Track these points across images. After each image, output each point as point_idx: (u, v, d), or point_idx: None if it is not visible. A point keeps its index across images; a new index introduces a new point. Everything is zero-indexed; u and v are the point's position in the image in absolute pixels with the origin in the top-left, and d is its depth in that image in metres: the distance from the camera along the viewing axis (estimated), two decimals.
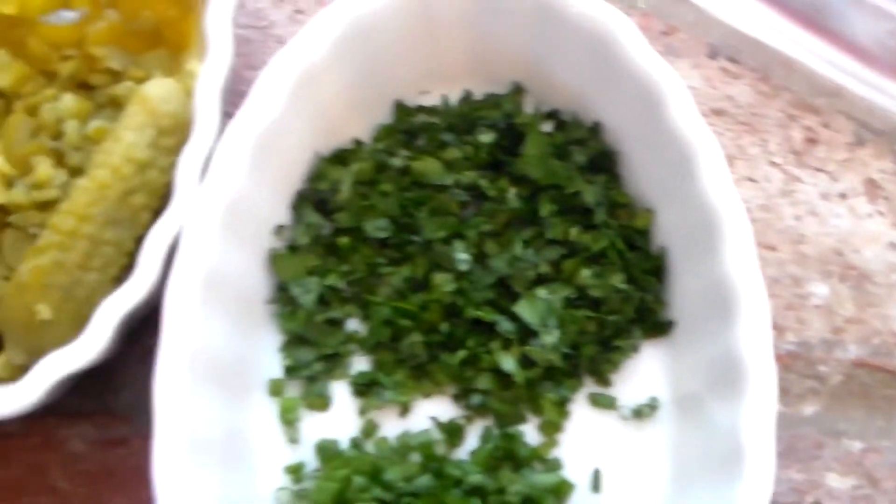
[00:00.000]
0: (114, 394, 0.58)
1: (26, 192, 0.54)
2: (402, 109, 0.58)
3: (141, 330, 0.54)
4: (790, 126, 0.61)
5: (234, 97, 0.55)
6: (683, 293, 0.55)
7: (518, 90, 0.58)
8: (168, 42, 0.58)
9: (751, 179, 0.60)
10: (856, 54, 0.62)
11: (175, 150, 0.54)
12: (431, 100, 0.58)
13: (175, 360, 0.49)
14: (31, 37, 0.56)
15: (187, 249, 0.50)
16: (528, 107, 0.58)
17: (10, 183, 0.54)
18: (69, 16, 0.56)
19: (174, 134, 0.54)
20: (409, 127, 0.58)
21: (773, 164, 0.61)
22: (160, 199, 0.54)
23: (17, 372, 0.53)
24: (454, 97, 0.58)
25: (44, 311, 0.51)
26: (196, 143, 0.52)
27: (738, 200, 0.50)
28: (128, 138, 0.53)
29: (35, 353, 0.52)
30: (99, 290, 0.53)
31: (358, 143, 0.58)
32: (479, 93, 0.58)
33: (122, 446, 0.57)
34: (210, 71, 0.53)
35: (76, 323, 0.52)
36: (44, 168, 0.54)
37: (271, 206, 0.55)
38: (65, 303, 0.52)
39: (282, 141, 0.53)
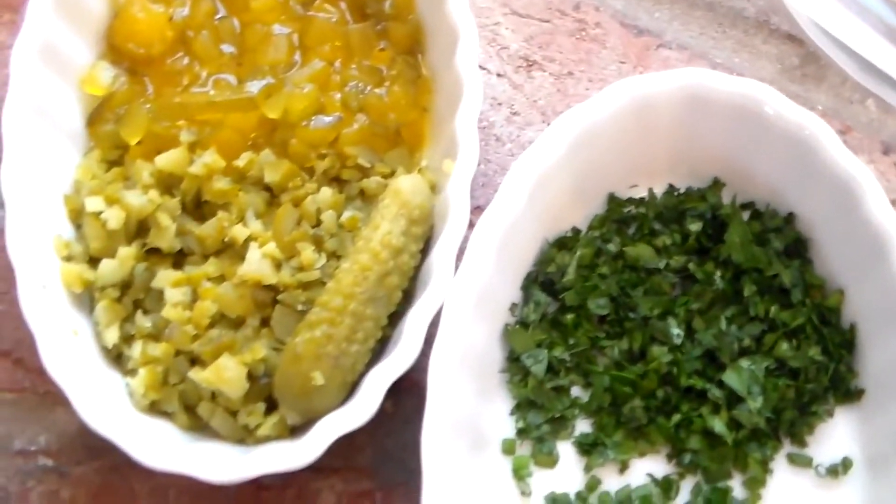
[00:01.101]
0: (357, 452, 0.64)
1: (292, 273, 0.62)
2: (614, 201, 0.66)
3: None
4: None
5: None
6: (873, 363, 0.61)
7: (718, 184, 0.65)
8: (406, 141, 0.66)
9: None
10: None
11: (421, 238, 0.62)
12: (639, 192, 0.66)
13: (438, 421, 0.56)
14: (293, 138, 0.64)
15: (448, 328, 0.57)
16: (725, 198, 0.65)
17: (279, 265, 0.62)
18: (325, 120, 0.65)
19: (421, 223, 0.62)
20: (620, 216, 0.65)
21: None
22: (409, 280, 0.62)
23: (286, 431, 0.61)
24: (659, 190, 0.66)
25: (318, 378, 0.58)
26: (451, 233, 0.59)
27: None
28: (384, 227, 0.60)
29: (305, 415, 0.60)
30: (360, 360, 0.60)
31: (576, 230, 0.65)
32: (680, 185, 0.66)
33: (367, 498, 0.64)
34: (461, 169, 0.60)
35: (341, 389, 0.60)
36: (307, 253, 0.62)
37: (508, 287, 0.63)
38: (333, 371, 0.59)
39: (519, 232, 0.60)
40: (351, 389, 0.60)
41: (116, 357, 0.62)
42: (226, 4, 0.68)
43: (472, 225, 0.59)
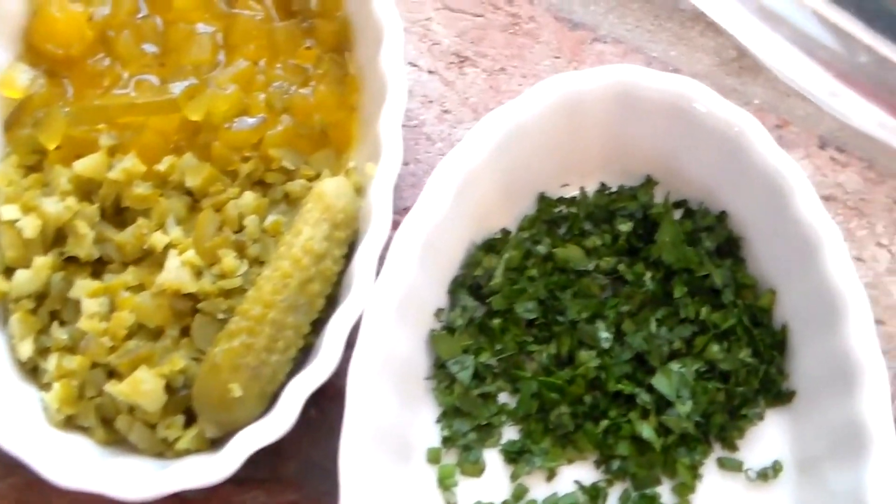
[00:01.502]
0: (284, 462, 0.63)
1: (213, 280, 0.60)
2: (544, 201, 0.64)
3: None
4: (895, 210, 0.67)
5: None
6: (804, 364, 0.60)
7: (650, 182, 0.64)
8: (333, 142, 0.65)
9: (859, 259, 0.66)
10: None
11: (345, 242, 0.60)
12: (571, 192, 0.65)
13: (357, 431, 0.55)
14: (216, 141, 0.63)
15: (368, 335, 0.56)
16: (657, 197, 0.64)
17: (199, 273, 0.60)
18: (249, 121, 0.63)
19: (345, 227, 0.60)
20: (551, 217, 0.64)
21: (880, 244, 0.66)
22: (332, 287, 0.60)
23: (205, 444, 0.60)
24: (590, 189, 0.65)
25: (236, 390, 0.57)
26: (372, 238, 0.58)
27: (858, 282, 0.56)
28: (306, 232, 0.59)
29: (224, 428, 0.59)
30: (280, 370, 0.59)
31: (505, 232, 0.64)
32: (612, 184, 0.65)
33: None
34: (384, 172, 0.59)
35: (260, 400, 0.59)
36: (229, 259, 0.60)
37: (433, 291, 0.61)
38: (252, 381, 0.58)
39: (445, 234, 0.59)
40: (272, 400, 0.59)
41: (31, 371, 0.60)
42: (148, 3, 0.67)
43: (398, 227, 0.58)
